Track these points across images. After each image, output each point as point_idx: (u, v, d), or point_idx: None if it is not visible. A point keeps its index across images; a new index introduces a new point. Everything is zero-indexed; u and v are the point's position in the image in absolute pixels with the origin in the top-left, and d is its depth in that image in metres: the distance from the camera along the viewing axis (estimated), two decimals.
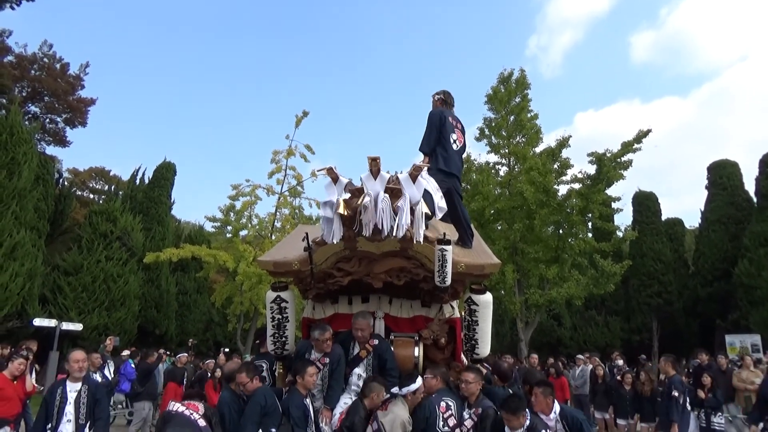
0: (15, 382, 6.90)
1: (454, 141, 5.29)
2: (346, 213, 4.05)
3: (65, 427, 5.25)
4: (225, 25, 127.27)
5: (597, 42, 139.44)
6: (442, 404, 4.39)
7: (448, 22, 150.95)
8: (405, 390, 4.35)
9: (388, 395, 4.53)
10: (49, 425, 5.24)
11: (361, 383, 4.72)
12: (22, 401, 7.17)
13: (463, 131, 5.51)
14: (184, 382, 10.64)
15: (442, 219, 5.60)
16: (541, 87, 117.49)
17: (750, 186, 25.82)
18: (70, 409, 5.32)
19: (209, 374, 11.33)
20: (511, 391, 4.84)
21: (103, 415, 5.52)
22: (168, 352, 17.94)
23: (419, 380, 4.41)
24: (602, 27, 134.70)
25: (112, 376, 10.48)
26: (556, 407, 4.32)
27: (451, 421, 4.34)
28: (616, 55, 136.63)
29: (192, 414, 4.00)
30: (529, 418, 4.06)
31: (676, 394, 7.85)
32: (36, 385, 9.09)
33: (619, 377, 10.70)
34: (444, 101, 5.67)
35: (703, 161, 74.75)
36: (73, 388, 5.43)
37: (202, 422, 3.96)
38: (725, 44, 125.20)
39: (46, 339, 16.14)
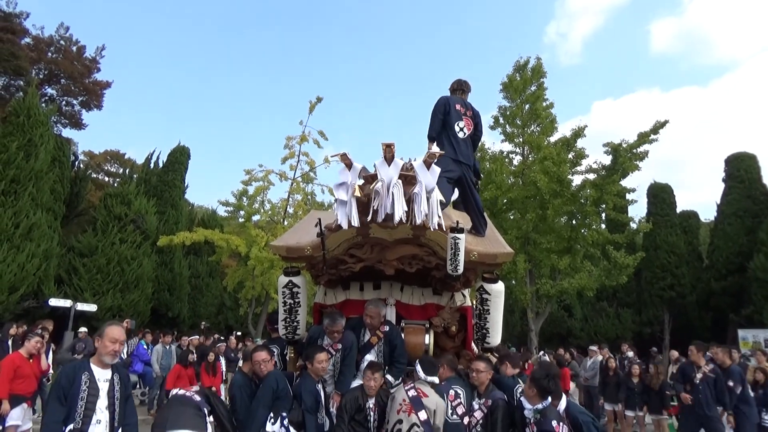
0: (31, 361, 7.03)
1: (461, 129, 5.24)
2: (361, 196, 4.05)
3: (95, 429, 3.63)
4: (241, 10, 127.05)
5: (618, 29, 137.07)
6: (451, 392, 4.39)
7: (465, 7, 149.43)
8: (431, 379, 4.37)
9: (399, 381, 4.55)
10: (71, 426, 3.55)
11: None
12: (38, 379, 7.32)
13: (473, 118, 5.44)
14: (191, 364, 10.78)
15: (455, 207, 5.59)
16: (559, 75, 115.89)
17: None
18: (102, 404, 3.70)
19: (218, 356, 11.54)
20: (520, 381, 4.84)
21: (134, 418, 4.03)
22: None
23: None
24: (623, 13, 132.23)
25: (126, 356, 10.67)
26: (562, 403, 4.28)
27: (460, 410, 4.35)
28: (637, 43, 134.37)
29: (186, 392, 4.18)
30: (546, 402, 4.05)
31: (732, 384, 7.74)
32: (50, 363, 9.29)
33: (627, 369, 10.66)
34: (453, 89, 5.63)
35: (720, 153, 73.69)
36: (103, 376, 3.80)
37: (197, 397, 4.10)
38: (748, 34, 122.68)
39: (61, 319, 16.41)
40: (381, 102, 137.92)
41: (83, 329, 12.79)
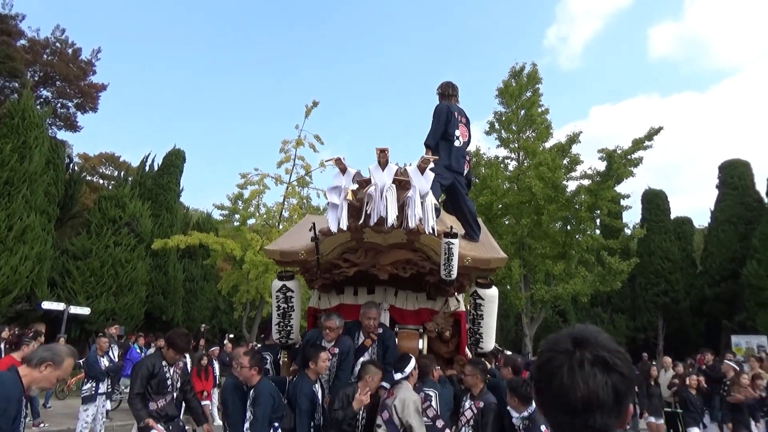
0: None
1: (457, 137, 5.24)
2: (353, 200, 4.05)
3: None
4: (237, 13, 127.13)
5: (618, 33, 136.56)
6: (421, 394, 4.40)
7: (465, 10, 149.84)
8: (407, 371, 4.34)
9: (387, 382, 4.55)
10: None
11: None
12: None
13: (467, 125, 5.43)
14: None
15: (447, 212, 5.60)
16: (558, 79, 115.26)
17: (761, 186, 25.68)
18: None
19: (211, 360, 11.48)
20: None
21: None
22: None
23: (413, 361, 4.43)
24: (624, 17, 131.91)
25: (117, 359, 10.62)
26: None
27: (431, 412, 4.36)
28: (637, 48, 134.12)
29: None
30: (532, 409, 4.06)
31: (765, 395, 7.85)
32: None
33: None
34: (448, 94, 5.47)
35: (715, 159, 74.01)
36: None
37: None
38: (748, 40, 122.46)
39: (54, 322, 16.32)
40: (378, 107, 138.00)
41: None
